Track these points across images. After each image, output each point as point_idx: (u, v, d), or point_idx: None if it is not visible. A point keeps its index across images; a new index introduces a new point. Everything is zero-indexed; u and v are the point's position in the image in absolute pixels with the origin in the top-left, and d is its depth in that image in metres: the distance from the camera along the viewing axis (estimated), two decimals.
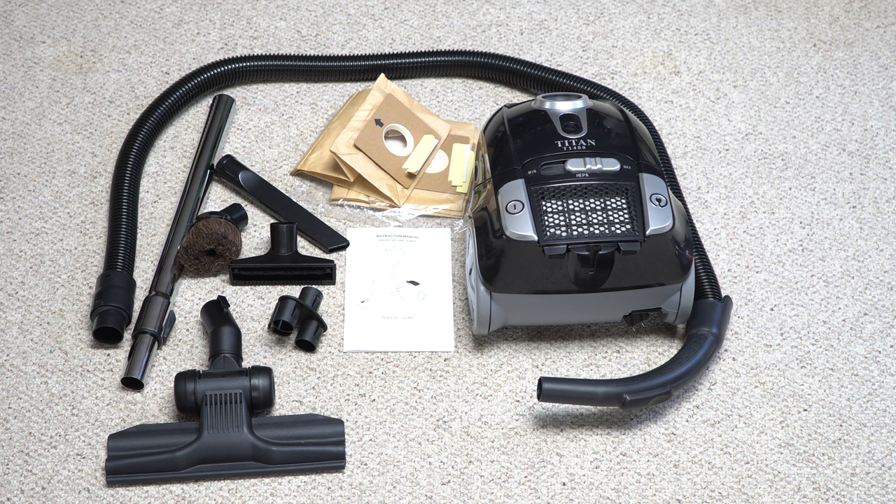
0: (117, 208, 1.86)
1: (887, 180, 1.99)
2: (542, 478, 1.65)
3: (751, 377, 1.75)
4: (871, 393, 1.74)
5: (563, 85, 2.02)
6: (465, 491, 1.63)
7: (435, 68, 2.08)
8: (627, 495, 1.64)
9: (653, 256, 1.65)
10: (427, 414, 1.70)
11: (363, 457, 1.66)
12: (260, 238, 1.89)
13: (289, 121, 2.04)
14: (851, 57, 2.17)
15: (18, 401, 1.70)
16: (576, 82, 2.02)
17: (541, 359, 1.76)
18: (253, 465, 1.63)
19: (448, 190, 1.94)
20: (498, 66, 2.06)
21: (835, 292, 1.85)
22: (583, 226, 1.64)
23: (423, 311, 1.81)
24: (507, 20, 2.20)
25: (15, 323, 1.78)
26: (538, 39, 2.17)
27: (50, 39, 2.15)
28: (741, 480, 1.65)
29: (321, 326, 1.76)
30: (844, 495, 1.64)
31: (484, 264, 1.67)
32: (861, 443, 1.69)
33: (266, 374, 1.65)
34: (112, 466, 1.61)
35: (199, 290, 1.82)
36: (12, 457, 1.65)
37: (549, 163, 1.70)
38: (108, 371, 1.73)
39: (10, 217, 1.90)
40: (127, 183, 1.89)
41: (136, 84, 2.08)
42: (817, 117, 2.08)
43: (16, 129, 2.02)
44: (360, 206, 1.92)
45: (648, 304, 1.71)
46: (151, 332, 1.73)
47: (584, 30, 2.19)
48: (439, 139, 1.98)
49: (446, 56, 2.08)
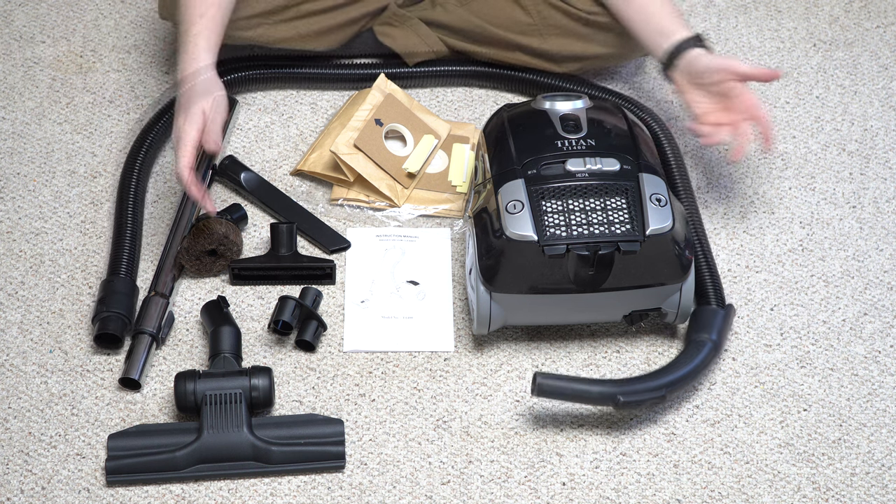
0: (122, 213, 1.86)
1: (887, 180, 1.99)
2: (542, 478, 1.65)
3: (751, 377, 1.75)
4: (871, 393, 1.74)
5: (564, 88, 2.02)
6: (465, 491, 1.63)
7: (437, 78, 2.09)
8: (627, 495, 1.64)
9: (653, 256, 1.65)
10: (427, 414, 1.70)
11: (363, 457, 1.66)
12: (260, 238, 1.89)
13: (289, 121, 2.04)
14: (851, 57, 2.17)
15: (18, 401, 1.70)
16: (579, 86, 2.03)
17: (541, 359, 1.76)
18: (253, 465, 1.63)
19: (448, 190, 1.94)
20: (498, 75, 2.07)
21: (835, 292, 1.85)
22: (583, 226, 1.64)
23: (423, 311, 1.81)
24: None
25: (15, 323, 1.78)
26: None
27: (50, 39, 2.15)
28: (741, 480, 1.65)
29: (321, 326, 1.76)
30: (844, 495, 1.64)
31: (484, 264, 1.67)
32: (861, 443, 1.69)
33: (266, 374, 1.65)
34: (112, 466, 1.62)
35: (199, 290, 1.82)
36: (12, 457, 1.65)
37: (549, 163, 1.70)
38: (108, 371, 1.73)
39: (10, 217, 1.90)
40: (132, 188, 1.88)
41: (136, 84, 2.08)
42: (817, 117, 2.08)
43: (16, 129, 2.02)
44: (360, 206, 1.92)
45: (648, 304, 1.71)
46: (150, 333, 1.73)
47: None
48: (439, 139, 1.98)
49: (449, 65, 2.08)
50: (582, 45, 1.99)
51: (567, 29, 1.98)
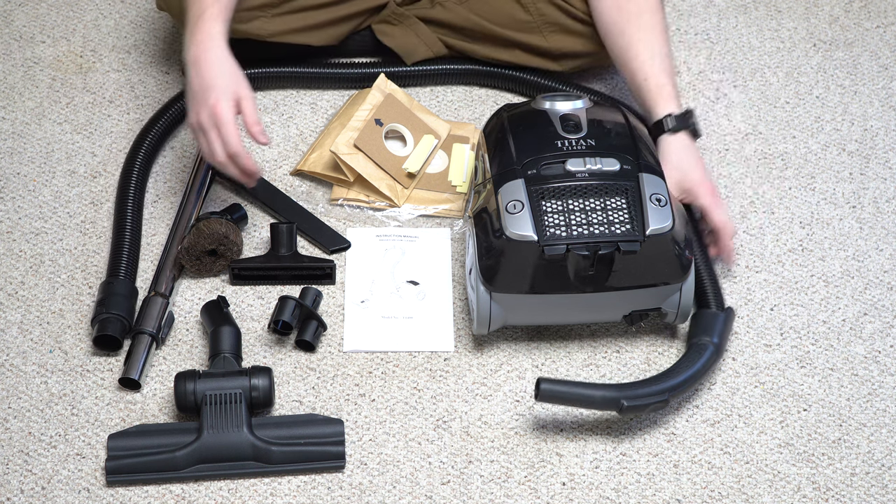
0: (122, 213, 1.86)
1: (887, 180, 1.99)
2: (542, 478, 1.65)
3: (751, 377, 1.75)
4: (871, 393, 1.74)
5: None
6: (465, 491, 1.63)
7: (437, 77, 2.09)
8: (627, 495, 1.64)
9: (653, 256, 1.65)
10: (427, 414, 1.70)
11: (363, 457, 1.66)
12: (260, 238, 1.89)
13: (289, 121, 2.04)
14: (851, 57, 2.17)
15: (18, 401, 1.70)
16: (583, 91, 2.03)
17: (541, 359, 1.76)
18: (253, 465, 1.63)
19: (448, 190, 1.94)
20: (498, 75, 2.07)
21: (835, 292, 1.85)
22: (583, 226, 1.64)
23: (423, 311, 1.81)
24: None
25: (15, 323, 1.78)
26: None
27: (50, 39, 2.15)
28: (741, 480, 1.65)
29: (321, 326, 1.76)
30: (844, 495, 1.64)
31: (484, 264, 1.67)
32: (861, 443, 1.69)
33: (266, 374, 1.65)
34: (112, 466, 1.62)
35: (199, 290, 1.82)
36: (12, 457, 1.65)
37: (549, 163, 1.70)
38: (108, 371, 1.73)
39: (10, 217, 1.90)
40: (132, 189, 1.88)
41: (136, 84, 2.08)
42: (817, 117, 2.08)
43: (16, 129, 2.02)
44: (360, 206, 1.92)
45: (648, 304, 1.71)
46: (149, 333, 1.73)
47: None
48: (439, 139, 1.98)
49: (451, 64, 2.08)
50: (582, 43, 1.99)
51: (566, 26, 1.98)
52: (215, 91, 1.70)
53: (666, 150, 1.79)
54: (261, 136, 1.73)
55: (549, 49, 2.00)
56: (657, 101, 1.81)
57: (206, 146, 1.73)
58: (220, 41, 1.73)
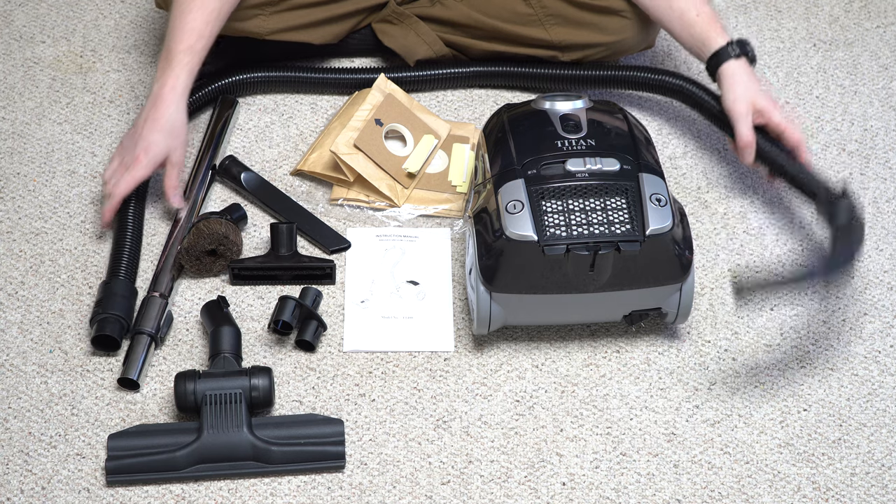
0: (122, 213, 1.85)
1: (887, 180, 1.99)
2: (542, 478, 1.65)
3: (751, 377, 1.75)
4: (871, 393, 1.74)
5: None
6: (465, 491, 1.63)
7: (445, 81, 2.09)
8: (627, 495, 1.64)
9: (653, 256, 1.65)
10: (427, 414, 1.70)
11: (363, 457, 1.66)
12: (260, 238, 1.89)
13: (289, 121, 2.04)
14: (851, 57, 2.17)
15: (18, 401, 1.70)
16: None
17: (541, 359, 1.76)
18: (253, 465, 1.63)
19: (448, 190, 1.94)
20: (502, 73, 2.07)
21: (835, 292, 1.85)
22: (583, 226, 1.64)
23: (423, 311, 1.81)
24: None
25: (15, 323, 1.78)
26: None
27: (50, 39, 2.15)
28: (741, 480, 1.65)
29: (321, 326, 1.76)
30: (844, 495, 1.64)
31: (484, 264, 1.67)
32: (861, 443, 1.69)
33: (266, 373, 1.65)
34: (112, 466, 1.61)
35: (199, 290, 1.82)
36: (12, 457, 1.65)
37: (549, 163, 1.70)
38: (108, 371, 1.73)
39: (10, 217, 1.90)
40: (134, 190, 1.88)
41: (136, 84, 2.08)
42: (817, 117, 2.08)
43: (16, 129, 2.02)
44: (360, 206, 1.92)
45: (648, 304, 1.71)
46: (149, 333, 1.73)
47: None
48: (439, 139, 1.98)
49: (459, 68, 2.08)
50: (586, 33, 1.99)
51: (568, 17, 1.98)
52: (148, 147, 1.81)
53: (732, 75, 1.85)
54: (174, 199, 1.84)
55: (554, 41, 2.00)
56: (713, 33, 1.87)
57: (110, 170, 1.84)
58: (180, 95, 1.82)
